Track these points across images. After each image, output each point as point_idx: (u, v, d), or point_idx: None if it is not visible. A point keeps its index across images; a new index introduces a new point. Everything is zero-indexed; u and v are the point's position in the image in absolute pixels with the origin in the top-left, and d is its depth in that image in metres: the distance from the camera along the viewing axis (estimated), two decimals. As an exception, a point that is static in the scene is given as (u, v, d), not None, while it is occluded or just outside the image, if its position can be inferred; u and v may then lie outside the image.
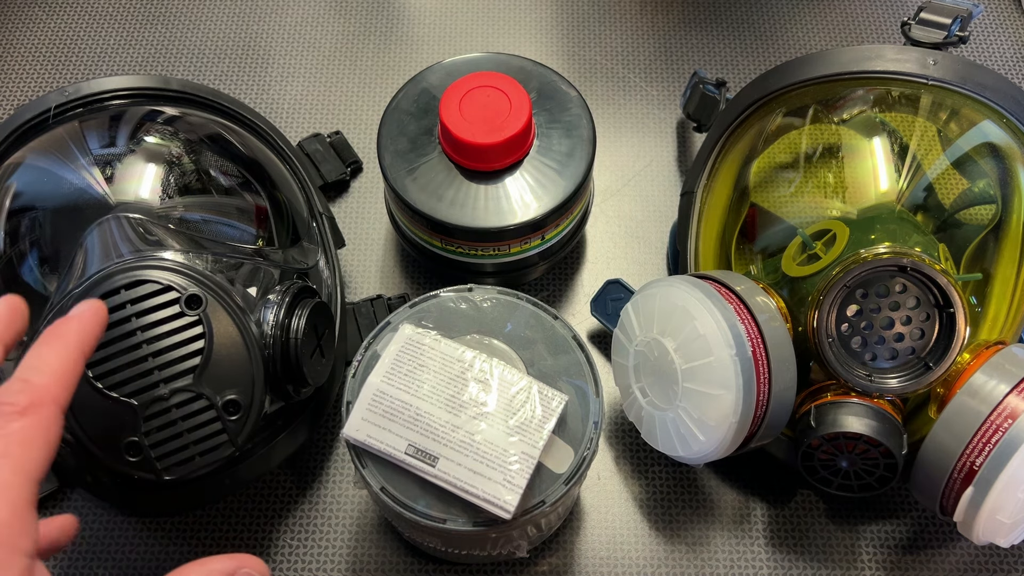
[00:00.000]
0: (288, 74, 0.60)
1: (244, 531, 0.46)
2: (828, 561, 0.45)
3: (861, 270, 0.38)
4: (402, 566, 0.45)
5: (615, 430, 0.48)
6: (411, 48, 0.61)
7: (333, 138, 0.56)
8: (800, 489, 0.47)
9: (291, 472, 0.47)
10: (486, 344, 0.39)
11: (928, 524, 0.46)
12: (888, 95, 0.44)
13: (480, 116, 0.44)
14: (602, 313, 0.49)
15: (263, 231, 0.44)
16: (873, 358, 0.39)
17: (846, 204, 0.43)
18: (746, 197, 0.46)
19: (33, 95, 0.59)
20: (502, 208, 0.45)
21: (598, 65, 0.60)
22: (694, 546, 0.45)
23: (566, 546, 0.45)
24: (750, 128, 0.46)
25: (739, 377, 0.37)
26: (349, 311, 0.49)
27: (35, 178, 0.42)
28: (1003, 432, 0.36)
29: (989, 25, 0.62)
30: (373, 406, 0.37)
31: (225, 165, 0.45)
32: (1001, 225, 0.43)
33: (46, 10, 0.62)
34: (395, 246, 0.54)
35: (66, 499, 0.46)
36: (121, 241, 0.39)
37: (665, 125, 0.58)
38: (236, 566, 0.30)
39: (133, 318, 0.36)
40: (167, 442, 0.36)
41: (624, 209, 0.55)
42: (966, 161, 0.43)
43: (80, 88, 0.46)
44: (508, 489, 0.35)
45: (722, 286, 0.40)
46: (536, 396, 0.37)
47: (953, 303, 0.38)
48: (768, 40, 0.61)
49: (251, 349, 0.37)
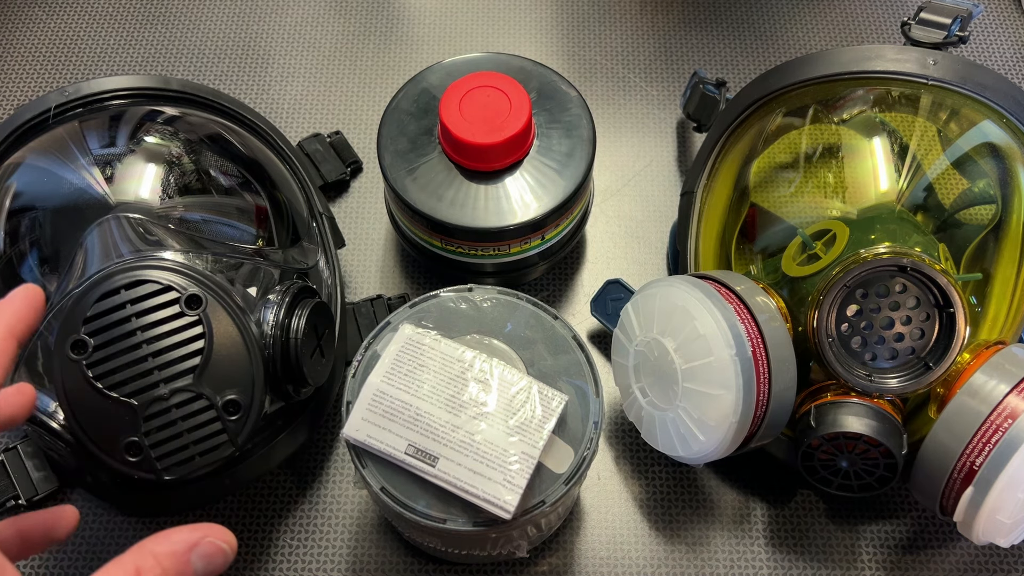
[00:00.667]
0: (288, 74, 0.60)
1: (244, 531, 0.46)
2: (828, 561, 0.45)
3: (861, 270, 0.38)
4: (402, 566, 0.45)
5: (615, 430, 0.48)
6: (411, 48, 0.61)
7: (333, 138, 0.56)
8: (800, 489, 0.47)
9: (291, 472, 0.47)
10: (486, 344, 0.39)
11: (928, 524, 0.46)
12: (888, 95, 0.44)
13: (480, 116, 0.44)
14: (602, 313, 0.49)
15: (263, 231, 0.44)
16: (873, 358, 0.39)
17: (846, 204, 0.43)
18: (746, 197, 0.46)
19: (33, 95, 0.59)
20: (502, 208, 0.45)
21: (598, 65, 0.60)
22: (694, 546, 0.45)
23: (566, 546, 0.45)
24: (750, 128, 0.46)
25: (739, 377, 0.37)
26: (349, 311, 0.49)
27: (35, 178, 0.42)
28: (1003, 432, 0.36)
29: (989, 25, 0.62)
30: (373, 406, 0.37)
31: (225, 165, 0.45)
32: (1001, 225, 0.43)
33: (46, 10, 0.62)
34: (395, 246, 0.54)
35: (66, 499, 0.46)
36: (121, 241, 0.39)
37: (665, 125, 0.58)
38: (200, 536, 0.30)
39: (133, 318, 0.36)
40: (167, 442, 0.36)
41: (624, 209, 0.55)
42: (966, 161, 0.43)
43: (80, 88, 0.46)
44: (508, 489, 0.35)
45: (722, 286, 0.40)
46: (536, 396, 0.37)
47: (953, 303, 0.38)
48: (768, 40, 0.61)
49: (251, 349, 0.37)
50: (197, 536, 0.30)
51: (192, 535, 0.30)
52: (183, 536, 0.30)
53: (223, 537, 0.30)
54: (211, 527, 0.30)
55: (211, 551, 0.30)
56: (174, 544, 0.29)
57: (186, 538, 0.29)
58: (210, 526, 0.30)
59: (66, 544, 0.45)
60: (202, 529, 0.30)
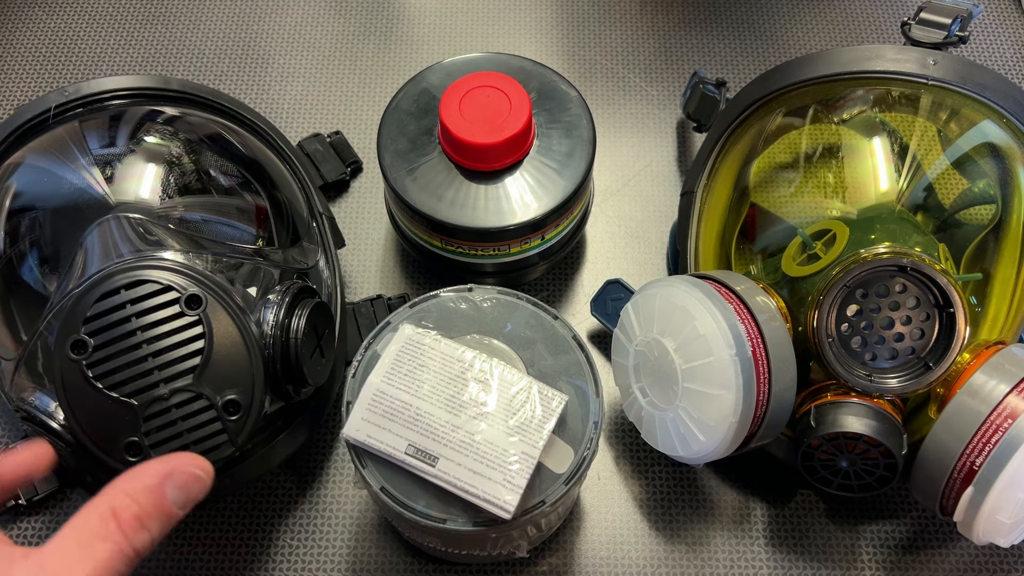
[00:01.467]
0: (288, 74, 0.60)
1: (244, 531, 0.46)
2: (828, 561, 0.45)
3: (861, 270, 0.38)
4: (402, 566, 0.45)
5: (615, 430, 0.48)
6: (411, 48, 0.61)
7: (333, 138, 0.56)
8: (800, 489, 0.47)
9: (291, 472, 0.47)
10: (486, 344, 0.39)
11: (928, 524, 0.46)
12: (888, 95, 0.44)
13: (480, 116, 0.44)
14: (602, 313, 0.49)
15: (263, 231, 0.44)
16: (873, 358, 0.39)
17: (846, 204, 0.43)
18: (746, 197, 0.46)
19: (33, 95, 0.59)
20: (502, 208, 0.45)
21: (598, 65, 0.60)
22: (694, 546, 0.45)
23: (566, 546, 0.45)
24: (750, 128, 0.46)
25: (739, 377, 0.37)
26: (349, 311, 0.49)
27: (35, 178, 0.42)
28: (1003, 432, 0.36)
29: (989, 25, 0.62)
30: (373, 406, 0.37)
31: (225, 165, 0.45)
32: (1001, 225, 0.43)
33: (46, 10, 0.62)
34: (395, 246, 0.54)
35: (66, 499, 0.46)
36: (121, 241, 0.39)
37: (665, 125, 0.58)
38: (172, 467, 0.29)
39: (133, 318, 0.36)
40: (167, 442, 0.36)
41: (624, 209, 0.55)
42: (966, 161, 0.43)
43: (80, 88, 0.46)
44: (508, 489, 0.35)
45: (722, 286, 0.40)
46: (536, 396, 0.37)
47: (953, 303, 0.38)
48: (768, 40, 0.61)
49: (251, 349, 0.37)
50: (168, 467, 0.29)
51: (163, 466, 0.29)
52: (154, 468, 0.29)
53: (196, 464, 0.30)
54: (181, 456, 0.30)
55: (186, 480, 0.29)
56: (146, 478, 0.29)
57: (158, 469, 0.29)
58: (180, 455, 0.30)
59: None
60: (173, 459, 0.29)
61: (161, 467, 0.29)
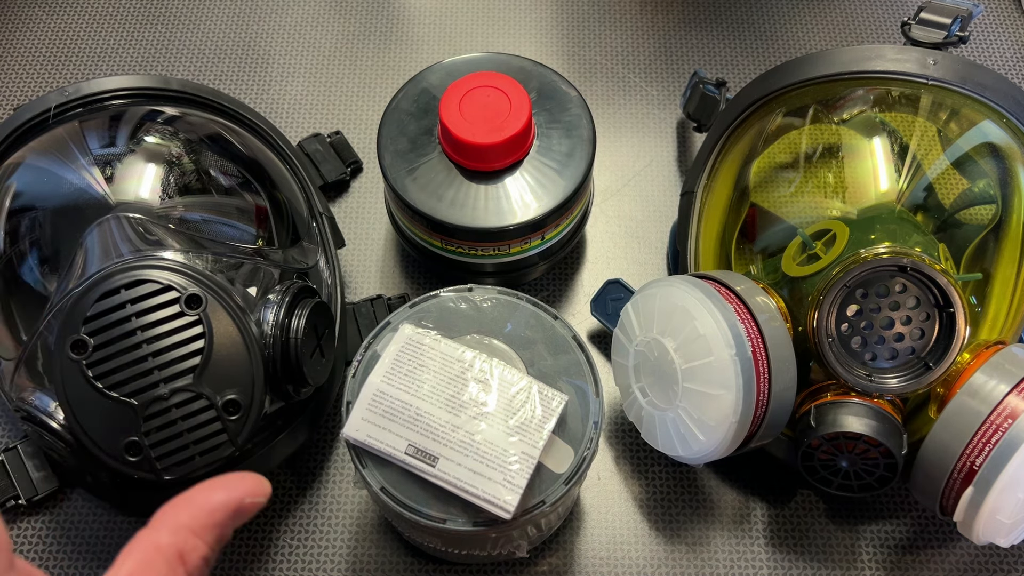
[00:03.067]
0: (288, 74, 0.60)
1: (244, 531, 0.46)
2: (828, 561, 0.45)
3: (861, 270, 0.38)
4: (402, 566, 0.45)
5: (615, 430, 0.48)
6: (411, 48, 0.61)
7: (333, 138, 0.56)
8: (800, 489, 0.47)
9: (291, 472, 0.47)
10: (486, 344, 0.39)
11: (928, 524, 0.46)
12: (888, 95, 0.44)
13: (480, 116, 0.44)
14: (602, 313, 0.49)
15: (263, 231, 0.44)
16: (873, 358, 0.39)
17: (846, 204, 0.43)
18: (746, 197, 0.46)
19: (33, 95, 0.59)
20: (502, 208, 0.45)
21: (598, 65, 0.60)
22: (694, 546, 0.45)
23: (566, 546, 0.45)
24: (750, 128, 0.46)
25: (739, 377, 0.37)
26: (349, 311, 0.49)
27: (35, 178, 0.42)
28: (1003, 432, 0.36)
29: (989, 25, 0.62)
30: (373, 406, 0.37)
31: (225, 165, 0.45)
32: (1001, 225, 0.43)
33: (46, 10, 0.62)
34: (395, 246, 0.54)
35: (66, 499, 0.46)
36: (121, 241, 0.39)
37: (665, 125, 0.58)
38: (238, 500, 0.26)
39: (133, 318, 0.36)
40: (167, 442, 0.36)
41: (624, 209, 0.55)
42: (966, 161, 0.43)
43: (80, 88, 0.46)
44: (508, 489, 0.35)
45: (722, 286, 0.40)
46: (536, 396, 0.37)
47: (953, 303, 0.38)
48: (768, 40, 0.61)
49: (251, 349, 0.37)
50: (236, 498, 0.26)
51: (229, 496, 0.25)
52: (220, 500, 0.25)
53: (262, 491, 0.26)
54: (246, 482, 0.26)
55: (250, 511, 0.26)
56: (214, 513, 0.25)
57: (225, 503, 0.25)
58: (244, 478, 0.26)
59: (67, 546, 0.45)
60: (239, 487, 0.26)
61: (227, 498, 0.25)
